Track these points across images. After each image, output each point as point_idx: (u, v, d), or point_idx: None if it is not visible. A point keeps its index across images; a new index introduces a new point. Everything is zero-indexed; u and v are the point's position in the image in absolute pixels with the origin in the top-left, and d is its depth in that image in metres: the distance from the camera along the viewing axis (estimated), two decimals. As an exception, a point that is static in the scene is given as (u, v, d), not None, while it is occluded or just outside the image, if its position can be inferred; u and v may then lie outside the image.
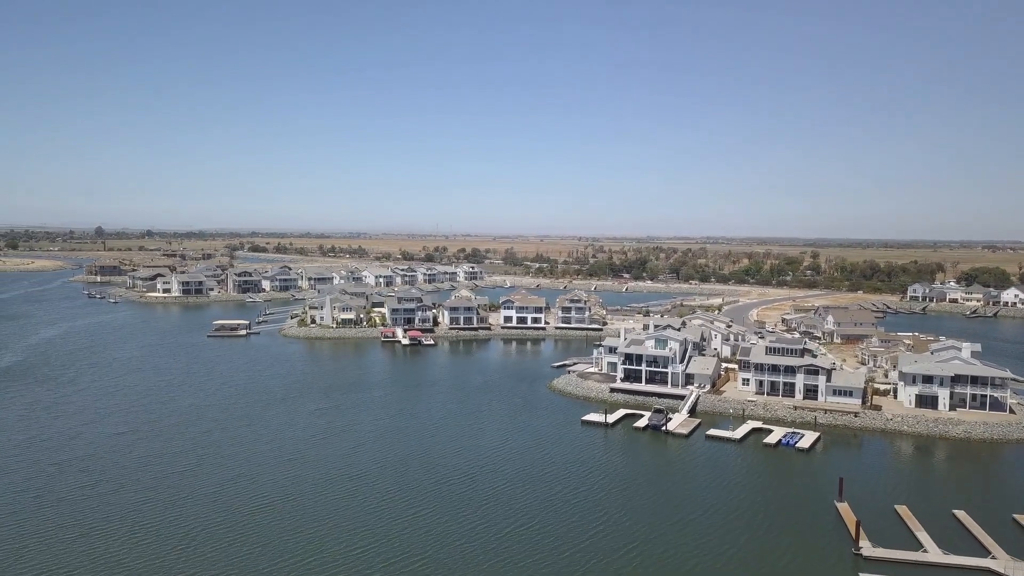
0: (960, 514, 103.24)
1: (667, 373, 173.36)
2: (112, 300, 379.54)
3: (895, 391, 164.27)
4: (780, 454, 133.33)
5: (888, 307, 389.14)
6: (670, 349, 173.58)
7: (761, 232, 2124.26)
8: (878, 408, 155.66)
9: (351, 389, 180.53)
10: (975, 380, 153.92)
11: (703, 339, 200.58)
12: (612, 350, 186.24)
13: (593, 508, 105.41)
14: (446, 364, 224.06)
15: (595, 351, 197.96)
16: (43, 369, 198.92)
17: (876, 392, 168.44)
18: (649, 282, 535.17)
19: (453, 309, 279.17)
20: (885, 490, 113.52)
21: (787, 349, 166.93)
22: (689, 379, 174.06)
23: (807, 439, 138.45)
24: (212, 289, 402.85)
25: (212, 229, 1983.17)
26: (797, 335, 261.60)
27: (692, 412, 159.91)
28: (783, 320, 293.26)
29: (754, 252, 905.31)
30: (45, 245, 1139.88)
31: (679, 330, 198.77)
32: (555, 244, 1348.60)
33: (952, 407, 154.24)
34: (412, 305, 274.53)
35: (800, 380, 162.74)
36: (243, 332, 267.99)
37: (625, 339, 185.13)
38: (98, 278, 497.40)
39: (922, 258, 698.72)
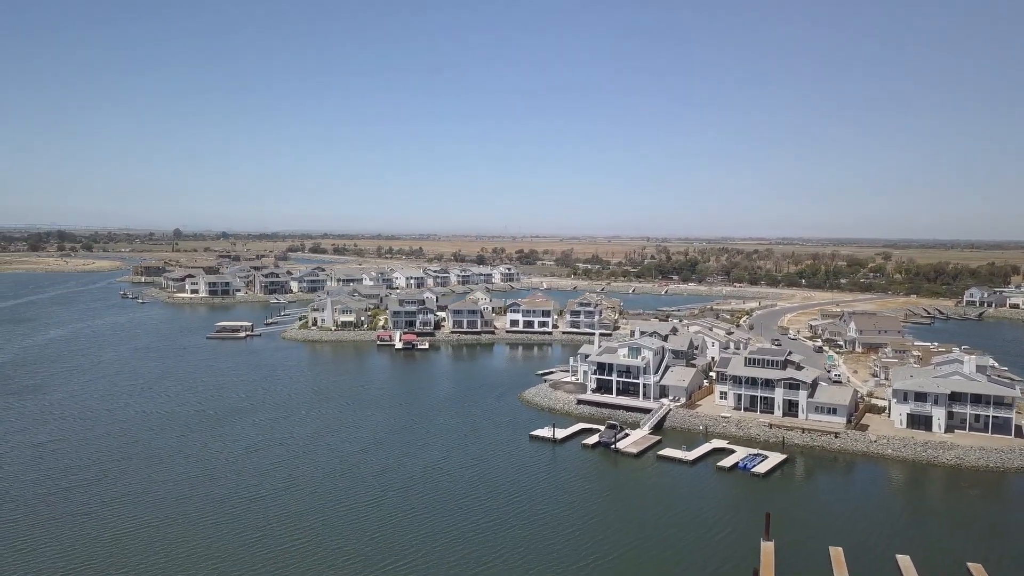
0: (903, 560, 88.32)
1: (639, 384, 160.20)
2: (140, 301, 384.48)
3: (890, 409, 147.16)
4: (731, 480, 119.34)
5: (940, 312, 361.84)
6: (643, 358, 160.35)
7: (844, 233, 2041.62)
8: (864, 428, 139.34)
9: (312, 398, 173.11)
10: (977, 399, 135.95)
11: (692, 347, 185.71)
12: (587, 358, 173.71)
13: (492, 542, 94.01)
14: (428, 370, 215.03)
15: (571, 359, 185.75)
16: (17, 373, 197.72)
17: (872, 409, 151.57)
18: (692, 284, 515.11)
19: (456, 312, 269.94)
20: (826, 527, 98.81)
21: (767, 360, 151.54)
22: (664, 391, 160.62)
23: (768, 463, 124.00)
24: (239, 290, 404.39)
25: (286, 231, 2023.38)
26: (819, 343, 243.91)
27: (659, 428, 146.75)
28: (810, 326, 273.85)
29: (820, 253, 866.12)
30: (123, 246, 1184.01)
31: (665, 337, 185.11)
32: (623, 245, 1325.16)
33: (949, 428, 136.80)
34: (413, 308, 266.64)
35: (779, 395, 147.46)
36: (243, 334, 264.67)
37: (599, 346, 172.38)
38: (142, 279, 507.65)
39: (1004, 260, 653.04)
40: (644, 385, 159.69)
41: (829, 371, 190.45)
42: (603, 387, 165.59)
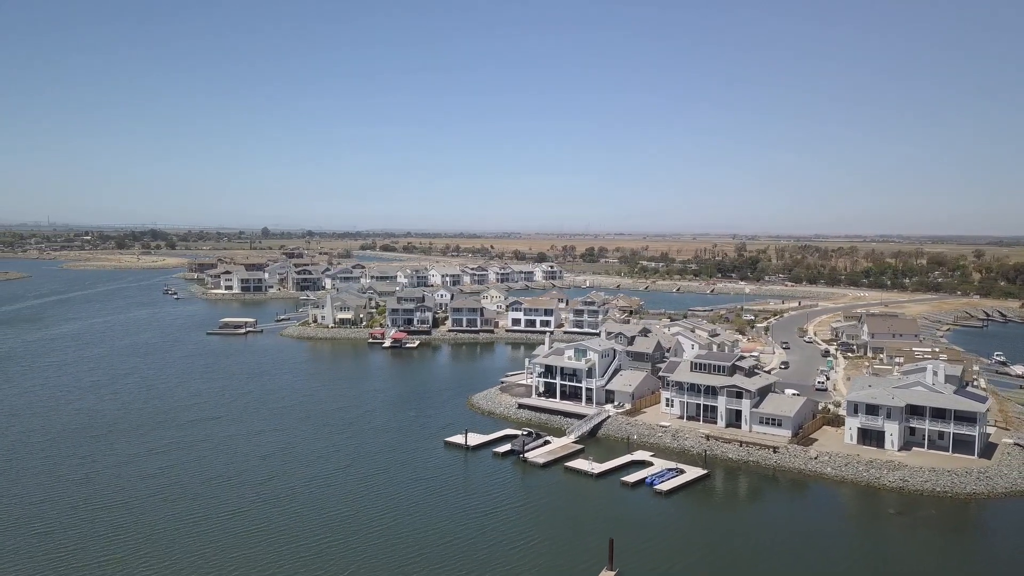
0: (752, 603, 75.88)
1: (582, 388, 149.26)
2: (177, 297, 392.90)
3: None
4: (625, 497, 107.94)
5: (1002, 315, 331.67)
6: (587, 361, 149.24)
7: (952, 230, 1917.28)
8: (810, 443, 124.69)
9: (257, 399, 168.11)
10: (939, 413, 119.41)
11: (660, 349, 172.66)
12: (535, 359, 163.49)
13: (331, 563, 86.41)
14: (401, 370, 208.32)
15: (527, 361, 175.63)
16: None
17: (833, 420, 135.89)
18: (741, 283, 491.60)
19: (456, 310, 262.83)
20: (683, 559, 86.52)
21: (713, 366, 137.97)
22: (610, 396, 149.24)
23: (678, 480, 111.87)
24: (272, 287, 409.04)
25: (369, 230, 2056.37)
26: (835, 346, 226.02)
27: (592, 435, 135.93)
28: (831, 329, 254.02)
29: (902, 251, 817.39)
30: (210, 244, 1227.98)
31: (632, 339, 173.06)
32: (706, 242, 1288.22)
33: (908, 445, 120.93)
34: (411, 305, 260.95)
35: (723, 403, 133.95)
36: (244, 331, 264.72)
37: (549, 347, 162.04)
38: (196, 275, 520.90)
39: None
40: (587, 389, 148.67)
41: (819, 376, 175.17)
42: (550, 391, 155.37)
